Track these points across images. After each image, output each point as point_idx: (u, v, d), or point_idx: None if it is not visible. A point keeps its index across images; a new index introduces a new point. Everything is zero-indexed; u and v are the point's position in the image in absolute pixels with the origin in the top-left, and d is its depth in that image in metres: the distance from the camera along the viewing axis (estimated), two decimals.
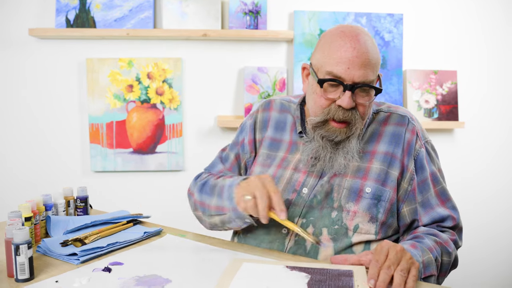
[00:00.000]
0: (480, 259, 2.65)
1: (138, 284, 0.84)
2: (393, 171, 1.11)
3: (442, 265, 1.05)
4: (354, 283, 0.81)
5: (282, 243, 1.10)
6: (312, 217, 1.09)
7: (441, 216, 1.11)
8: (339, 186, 1.10)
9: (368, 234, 1.07)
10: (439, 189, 1.14)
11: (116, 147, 2.33)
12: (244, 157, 1.28)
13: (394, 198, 1.10)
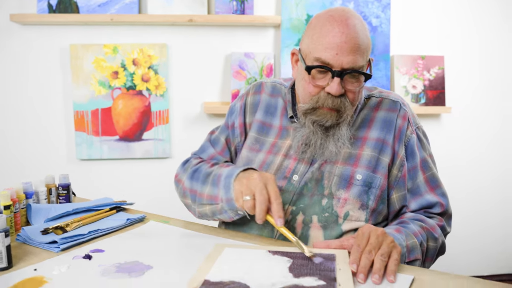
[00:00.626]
0: (466, 243, 2.68)
1: (118, 271, 0.83)
2: (384, 157, 1.09)
3: (428, 250, 1.05)
4: (336, 267, 0.80)
5: (272, 230, 1.09)
6: (302, 205, 1.08)
7: (429, 202, 1.11)
8: (330, 173, 1.09)
9: (359, 221, 1.06)
10: (429, 176, 1.13)
11: (101, 134, 2.30)
12: (234, 141, 1.25)
13: (385, 185, 1.09)
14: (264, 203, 0.93)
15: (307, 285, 0.72)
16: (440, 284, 0.78)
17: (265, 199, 0.93)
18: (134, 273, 0.82)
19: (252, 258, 0.85)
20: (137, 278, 0.80)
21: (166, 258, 0.90)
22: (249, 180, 0.97)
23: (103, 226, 1.08)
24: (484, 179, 2.67)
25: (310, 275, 0.77)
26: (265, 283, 0.73)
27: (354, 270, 0.79)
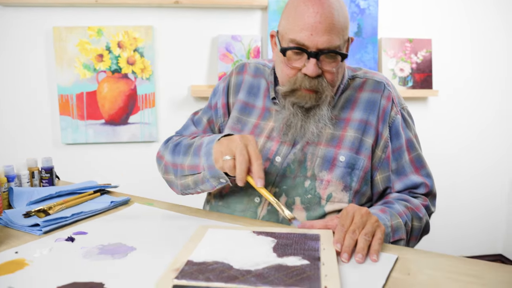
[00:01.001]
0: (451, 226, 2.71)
1: (101, 253, 0.82)
2: (367, 138, 1.09)
3: (412, 230, 1.05)
4: (320, 246, 0.80)
5: (255, 212, 1.09)
6: (285, 186, 1.08)
7: (414, 183, 1.11)
8: (313, 155, 1.08)
9: (342, 203, 1.06)
10: (414, 156, 1.13)
11: (87, 118, 2.27)
12: (217, 121, 1.24)
13: (368, 166, 1.08)
14: (245, 163, 0.92)
15: (291, 265, 0.72)
16: (424, 263, 0.78)
17: (245, 159, 0.92)
18: (117, 255, 0.81)
19: (236, 239, 0.84)
20: (120, 259, 0.79)
21: (149, 240, 0.89)
22: (230, 141, 0.96)
23: (87, 209, 1.07)
24: (471, 163, 2.69)
25: (294, 254, 0.76)
26: (249, 263, 0.72)
27: (338, 250, 0.78)
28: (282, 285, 0.64)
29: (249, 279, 0.66)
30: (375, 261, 0.77)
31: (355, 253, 0.78)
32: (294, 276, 0.67)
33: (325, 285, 0.65)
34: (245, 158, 0.92)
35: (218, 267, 0.70)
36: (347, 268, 0.75)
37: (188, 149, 1.10)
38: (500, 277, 0.72)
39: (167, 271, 0.69)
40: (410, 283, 0.70)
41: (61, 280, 0.71)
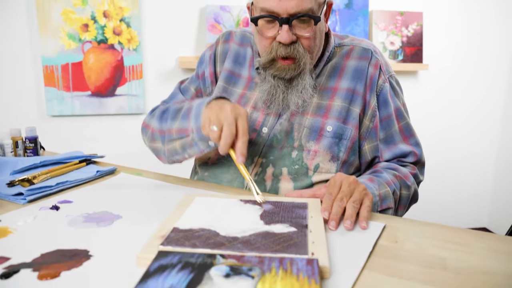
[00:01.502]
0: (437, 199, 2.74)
1: (86, 221, 0.81)
2: (355, 108, 1.07)
3: (401, 198, 1.05)
4: (308, 214, 0.80)
5: (242, 182, 1.08)
6: (272, 157, 1.07)
7: (403, 152, 1.10)
8: (300, 125, 1.07)
9: (329, 173, 1.06)
10: (403, 125, 1.12)
11: (73, 90, 2.23)
12: (205, 90, 1.22)
13: (355, 136, 1.07)
14: (230, 137, 0.90)
15: (278, 232, 0.71)
16: (411, 231, 0.78)
17: (232, 133, 0.90)
18: (103, 223, 0.80)
19: (223, 207, 0.84)
20: (106, 227, 0.78)
21: (136, 208, 0.88)
22: (221, 110, 0.92)
23: (72, 178, 1.05)
24: (460, 137, 2.71)
25: (281, 222, 0.76)
26: (235, 230, 0.72)
27: (325, 218, 0.78)
28: (269, 252, 0.64)
29: (236, 245, 0.66)
30: (364, 228, 0.77)
31: (344, 219, 0.78)
32: (281, 242, 0.67)
33: (312, 252, 0.64)
34: (232, 132, 0.90)
35: (205, 234, 0.70)
36: (335, 235, 0.75)
37: (177, 113, 1.06)
38: (486, 245, 0.73)
39: (153, 238, 0.68)
40: (398, 250, 0.70)
41: (46, 248, 0.69)
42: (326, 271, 0.60)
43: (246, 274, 0.55)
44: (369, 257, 0.67)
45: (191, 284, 0.52)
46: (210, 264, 0.58)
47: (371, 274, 0.62)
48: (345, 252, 0.68)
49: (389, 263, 0.66)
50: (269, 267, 0.57)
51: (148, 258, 0.61)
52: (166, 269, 0.56)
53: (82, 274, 0.61)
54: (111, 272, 0.61)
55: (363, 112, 1.08)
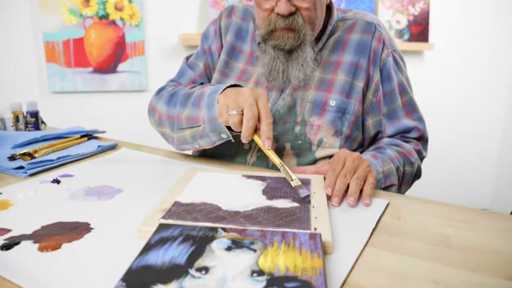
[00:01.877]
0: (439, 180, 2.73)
1: (87, 194, 0.81)
2: (358, 82, 1.06)
3: (404, 175, 1.04)
4: (311, 190, 0.79)
5: (244, 158, 1.07)
6: (274, 132, 1.05)
7: (406, 127, 1.09)
8: (302, 100, 1.06)
9: (333, 148, 1.05)
10: (407, 100, 1.10)
11: (74, 66, 2.21)
12: (214, 66, 1.18)
13: (359, 110, 1.06)
14: (253, 119, 0.84)
15: (280, 207, 0.71)
16: (415, 209, 0.78)
17: (254, 115, 0.84)
18: (104, 196, 0.80)
19: (225, 182, 0.83)
20: (107, 201, 0.78)
21: (137, 182, 0.88)
22: (238, 94, 0.87)
23: (73, 153, 1.04)
24: (466, 119, 2.69)
25: (283, 197, 0.75)
26: (237, 205, 0.71)
27: (329, 194, 0.77)
28: (271, 226, 0.63)
29: (238, 219, 0.65)
30: (368, 205, 0.77)
31: (347, 196, 0.77)
32: (284, 217, 0.66)
33: (315, 227, 0.64)
34: (254, 114, 0.84)
35: (206, 208, 0.69)
36: (338, 212, 0.74)
37: (187, 99, 1.01)
38: (491, 223, 0.72)
39: (154, 212, 0.68)
40: (401, 227, 0.70)
41: (46, 220, 0.69)
42: (328, 246, 0.59)
43: (248, 248, 0.54)
44: (372, 234, 0.67)
45: (192, 256, 0.52)
46: (212, 237, 0.57)
47: (374, 250, 0.62)
48: (348, 229, 0.68)
49: (392, 240, 0.65)
50: (271, 241, 0.56)
51: (149, 231, 0.61)
52: (167, 241, 0.56)
53: (83, 246, 0.61)
54: (112, 244, 0.61)
55: (367, 86, 1.07)
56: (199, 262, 0.51)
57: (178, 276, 0.48)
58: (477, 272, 0.57)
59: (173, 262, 0.50)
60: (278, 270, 0.49)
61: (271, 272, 0.49)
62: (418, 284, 0.54)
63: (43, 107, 1.70)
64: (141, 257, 0.52)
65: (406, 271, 0.57)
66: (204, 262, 0.51)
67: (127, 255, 0.57)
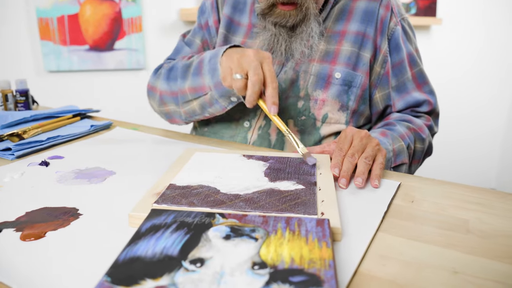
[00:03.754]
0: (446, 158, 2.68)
1: (77, 177, 0.75)
2: (365, 53, 1.00)
3: (415, 152, 1.00)
4: (316, 171, 0.73)
5: (244, 137, 1.03)
6: None
7: (417, 100, 1.03)
8: (306, 73, 1.00)
9: (338, 124, 1.00)
10: (417, 72, 1.04)
11: (70, 44, 2.14)
12: (212, 41, 1.13)
13: (366, 83, 1.00)
14: (258, 84, 0.80)
15: (284, 189, 0.66)
16: (429, 190, 0.73)
17: (259, 79, 0.80)
18: (95, 179, 0.75)
19: (224, 162, 0.78)
20: (98, 184, 0.73)
21: (131, 163, 0.83)
22: (242, 57, 0.83)
23: (64, 133, 0.99)
24: (474, 95, 2.62)
25: (287, 179, 0.70)
26: (237, 188, 0.66)
27: (335, 175, 0.72)
28: (274, 211, 0.58)
29: (237, 203, 0.60)
30: (376, 187, 0.72)
31: (355, 177, 0.72)
32: (288, 201, 0.61)
33: (322, 211, 0.59)
34: (260, 78, 0.80)
35: (204, 191, 0.64)
36: (345, 194, 0.69)
37: (187, 70, 0.97)
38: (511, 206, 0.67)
39: (147, 196, 0.63)
40: (414, 210, 0.65)
41: (31, 205, 0.64)
42: (337, 232, 0.55)
43: (248, 236, 0.49)
44: (384, 218, 0.62)
45: (186, 246, 0.47)
46: (209, 224, 0.52)
47: (386, 236, 0.57)
48: (357, 213, 0.63)
49: (406, 225, 0.60)
50: (275, 228, 0.51)
51: (140, 218, 0.56)
52: (159, 229, 0.50)
53: (69, 234, 0.56)
54: (101, 233, 0.56)
55: (374, 57, 1.01)
56: (193, 253, 0.46)
57: (170, 269, 0.43)
58: (500, 260, 0.52)
59: (164, 253, 0.45)
60: (282, 262, 0.44)
61: (274, 264, 0.44)
62: (435, 273, 0.49)
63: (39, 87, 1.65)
64: (130, 247, 0.47)
65: (421, 259, 0.52)
66: (200, 253, 0.46)
67: (117, 244, 0.52)
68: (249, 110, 1.02)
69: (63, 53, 2.13)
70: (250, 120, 1.02)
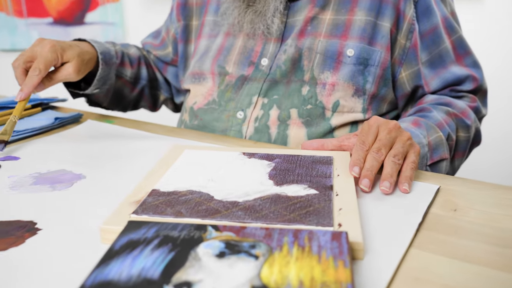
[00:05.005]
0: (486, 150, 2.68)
1: (36, 183, 0.77)
2: (384, 22, 1.01)
3: (458, 143, 1.01)
4: (333, 172, 0.74)
5: (239, 131, 1.06)
6: (276, 96, 1.04)
7: (457, 76, 1.04)
8: (310, 50, 1.02)
9: (354, 113, 1.02)
10: (456, 39, 1.05)
11: (28, 15, 2.16)
12: (171, 28, 1.25)
13: (387, 60, 1.01)
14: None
15: (292, 195, 0.67)
16: (476, 196, 0.73)
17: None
18: (59, 185, 0.76)
19: (220, 162, 0.80)
20: (62, 191, 0.74)
21: (105, 165, 0.85)
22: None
23: (21, 128, 1.01)
24: None
25: (297, 182, 0.71)
26: (235, 193, 0.67)
27: (355, 175, 0.73)
28: (279, 222, 0.59)
29: (235, 213, 0.61)
30: (406, 192, 0.72)
31: (381, 180, 0.72)
32: (297, 209, 0.62)
33: (339, 222, 0.59)
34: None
35: (194, 198, 0.65)
36: (370, 200, 0.70)
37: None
38: None
39: (123, 204, 0.64)
40: (458, 221, 0.65)
41: None
42: (358, 249, 0.55)
43: (247, 253, 0.50)
44: (418, 231, 0.63)
45: (170, 266, 0.48)
46: (199, 239, 0.53)
47: (422, 254, 0.58)
48: (384, 224, 0.63)
49: (447, 240, 0.61)
50: (280, 243, 0.52)
51: (115, 232, 0.57)
52: (138, 246, 0.51)
53: (23, 254, 0.57)
54: (64, 252, 0.57)
55: (396, 26, 1.02)
56: (179, 275, 0.46)
57: None
58: None
59: (143, 276, 0.46)
60: (288, 286, 0.45)
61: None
62: None
63: None
64: (99, 269, 0.47)
65: (467, 284, 0.52)
66: (186, 275, 0.46)
67: (85, 266, 0.53)
68: (242, 97, 1.06)
69: (19, 27, 2.16)
70: (244, 110, 1.05)
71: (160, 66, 1.31)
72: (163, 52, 1.28)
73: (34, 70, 0.95)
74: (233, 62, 1.09)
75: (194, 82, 1.15)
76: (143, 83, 1.27)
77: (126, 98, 1.26)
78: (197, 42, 1.20)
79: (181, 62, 1.24)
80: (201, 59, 1.15)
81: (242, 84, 1.07)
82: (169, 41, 1.27)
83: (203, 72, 1.13)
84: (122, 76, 1.21)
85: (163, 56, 1.29)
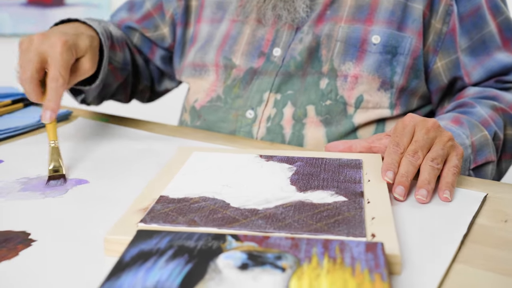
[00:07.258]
0: None
1: (25, 189, 0.80)
2: (415, 3, 1.02)
3: (505, 143, 1.02)
4: (363, 177, 0.77)
5: (249, 132, 1.08)
6: (290, 91, 1.06)
7: (503, 65, 1.05)
8: (329, 38, 1.04)
9: (380, 109, 1.04)
10: (502, 21, 1.06)
11: None
12: (168, 7, 1.23)
13: (419, 48, 1.03)
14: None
15: (318, 202, 0.69)
16: None
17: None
18: (52, 192, 0.79)
19: (235, 166, 0.82)
20: (56, 198, 0.77)
21: (103, 168, 0.88)
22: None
23: (2, 127, 1.04)
24: None
25: (323, 188, 0.74)
26: (254, 200, 0.70)
27: (389, 180, 0.75)
28: (305, 231, 0.62)
29: (255, 222, 0.64)
30: (448, 201, 0.75)
31: (417, 187, 0.75)
32: (324, 218, 0.65)
33: (373, 232, 0.62)
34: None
35: (208, 206, 0.68)
36: (405, 208, 0.73)
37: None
38: None
39: (129, 212, 0.67)
40: (508, 233, 0.67)
41: None
42: (395, 262, 0.58)
43: (272, 265, 0.53)
44: (463, 244, 0.65)
45: (188, 279, 0.51)
46: (218, 250, 0.56)
47: (468, 269, 0.60)
48: (423, 236, 0.66)
49: (496, 254, 0.63)
50: (308, 254, 0.55)
51: (121, 242, 0.60)
52: (150, 257, 0.54)
53: (17, 268, 0.58)
54: (63, 265, 0.59)
55: (430, 8, 1.03)
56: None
57: None
58: None
59: None
60: None
61: None
62: None
63: None
64: (110, 282, 0.50)
65: None
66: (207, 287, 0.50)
67: (88, 281, 0.55)
68: (252, 94, 1.08)
69: None
70: (255, 108, 1.07)
71: (147, 48, 1.28)
72: (154, 32, 1.25)
73: (55, 80, 0.86)
74: (240, 53, 1.10)
75: (194, 75, 1.16)
76: (128, 70, 1.24)
77: (107, 89, 1.21)
78: (196, 26, 1.20)
79: (178, 49, 1.24)
80: (203, 49, 1.15)
81: (251, 79, 1.08)
82: (165, 22, 1.25)
83: (206, 64, 1.14)
84: (111, 62, 1.15)
85: (156, 38, 1.26)
